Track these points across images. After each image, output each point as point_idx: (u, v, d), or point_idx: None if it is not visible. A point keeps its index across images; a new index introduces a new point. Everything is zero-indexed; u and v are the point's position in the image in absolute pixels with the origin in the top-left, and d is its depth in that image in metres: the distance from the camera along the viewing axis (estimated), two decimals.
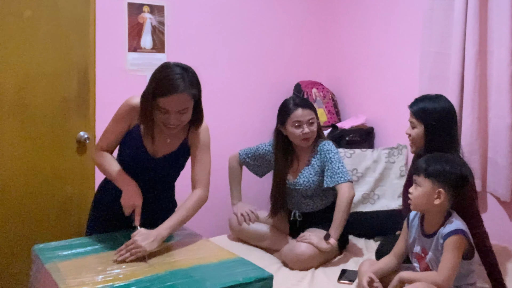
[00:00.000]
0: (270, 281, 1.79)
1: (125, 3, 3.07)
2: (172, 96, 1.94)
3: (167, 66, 2.01)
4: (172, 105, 1.96)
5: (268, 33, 3.72)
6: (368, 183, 3.24)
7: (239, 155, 3.01)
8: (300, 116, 2.69)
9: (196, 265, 1.84)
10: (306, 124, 2.69)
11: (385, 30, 3.55)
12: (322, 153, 2.74)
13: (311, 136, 2.73)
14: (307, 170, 2.76)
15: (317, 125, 2.78)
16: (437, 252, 2.01)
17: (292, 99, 2.84)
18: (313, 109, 2.78)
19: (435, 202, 2.01)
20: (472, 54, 2.87)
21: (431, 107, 2.31)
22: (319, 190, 2.77)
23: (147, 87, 2.01)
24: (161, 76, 1.97)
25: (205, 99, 3.46)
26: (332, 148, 2.74)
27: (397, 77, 3.47)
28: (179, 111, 1.98)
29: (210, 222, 3.48)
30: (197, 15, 3.37)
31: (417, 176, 2.05)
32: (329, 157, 2.70)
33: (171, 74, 1.95)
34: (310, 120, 2.71)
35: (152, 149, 2.15)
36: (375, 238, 3.01)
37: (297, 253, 2.53)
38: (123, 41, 3.07)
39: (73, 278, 1.70)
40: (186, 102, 1.99)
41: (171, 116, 1.98)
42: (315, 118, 2.75)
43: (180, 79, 1.95)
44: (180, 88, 1.94)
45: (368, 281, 2.08)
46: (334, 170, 2.66)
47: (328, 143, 2.76)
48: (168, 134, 2.13)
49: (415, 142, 2.35)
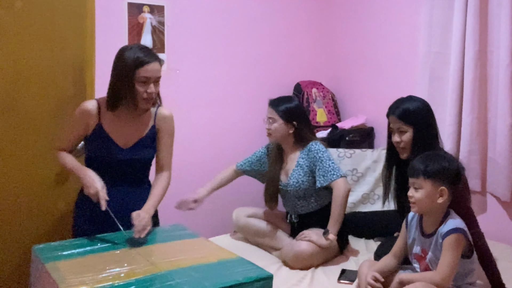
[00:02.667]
0: (270, 280, 1.79)
1: (125, 3, 3.07)
2: (152, 64, 2.17)
3: (129, 47, 2.23)
4: (151, 72, 2.17)
5: (268, 33, 3.72)
6: (368, 183, 3.24)
7: (235, 166, 3.03)
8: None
9: (196, 264, 1.84)
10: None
11: (385, 30, 3.55)
12: (310, 153, 2.73)
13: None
14: (296, 171, 2.75)
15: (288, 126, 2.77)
16: (437, 251, 2.01)
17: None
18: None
19: (438, 201, 2.00)
20: (472, 54, 2.88)
21: (413, 107, 2.31)
22: (311, 191, 2.75)
23: (118, 70, 2.19)
24: (132, 52, 2.17)
25: (206, 99, 3.48)
26: (320, 148, 2.72)
27: (397, 77, 3.47)
28: (156, 79, 2.20)
29: (210, 222, 3.49)
30: (197, 15, 3.37)
31: (415, 179, 2.03)
32: (319, 157, 2.68)
33: (141, 48, 2.20)
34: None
35: (121, 140, 2.27)
36: (375, 238, 3.01)
37: (298, 252, 2.53)
38: (123, 41, 3.07)
39: (73, 277, 1.70)
40: (159, 70, 2.22)
41: (151, 85, 2.18)
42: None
43: (149, 51, 2.21)
44: (155, 56, 2.21)
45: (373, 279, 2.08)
46: (325, 168, 2.66)
47: (316, 143, 2.74)
48: (132, 124, 2.28)
49: (407, 147, 2.32)
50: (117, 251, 1.96)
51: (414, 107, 2.31)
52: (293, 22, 3.84)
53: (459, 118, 2.98)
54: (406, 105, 2.32)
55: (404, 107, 2.31)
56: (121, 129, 2.27)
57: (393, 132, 2.35)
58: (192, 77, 3.39)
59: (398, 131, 2.32)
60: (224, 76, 3.54)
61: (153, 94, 2.21)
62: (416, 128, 2.28)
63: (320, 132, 3.63)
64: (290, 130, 2.76)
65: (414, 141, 2.29)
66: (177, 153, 3.24)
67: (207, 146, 3.51)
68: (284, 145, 2.84)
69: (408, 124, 2.29)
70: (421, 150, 2.21)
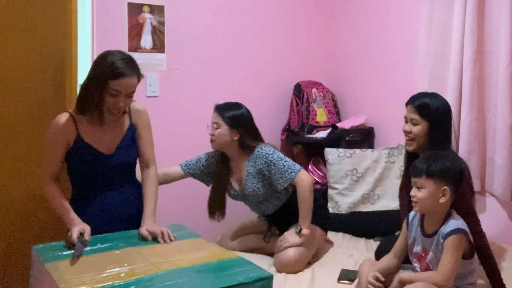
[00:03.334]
0: (270, 281, 1.79)
1: (125, 3, 3.07)
2: (125, 79, 2.07)
3: (111, 53, 2.13)
4: (124, 87, 2.08)
5: (268, 33, 3.72)
6: (368, 183, 3.24)
7: (180, 167, 2.86)
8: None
9: (196, 264, 1.84)
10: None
11: (385, 30, 3.55)
12: (258, 160, 2.64)
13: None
14: (249, 180, 2.69)
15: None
16: (437, 251, 2.01)
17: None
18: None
19: (440, 201, 2.01)
20: (471, 54, 2.88)
21: (433, 103, 2.31)
22: (269, 193, 2.71)
23: (93, 74, 2.11)
24: (110, 61, 2.08)
25: (205, 99, 3.47)
26: (267, 151, 2.63)
27: (397, 77, 3.47)
28: (128, 94, 2.12)
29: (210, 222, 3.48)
30: (197, 15, 3.37)
31: (418, 178, 2.03)
32: (270, 160, 2.61)
33: (120, 59, 2.10)
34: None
35: (103, 147, 2.21)
36: (375, 238, 3.01)
37: (284, 262, 2.54)
38: (123, 41, 3.07)
39: (73, 277, 1.70)
40: (134, 85, 2.13)
41: (120, 99, 2.10)
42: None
43: (129, 63, 2.11)
44: (132, 71, 2.10)
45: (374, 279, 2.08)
46: (281, 169, 2.59)
47: (261, 148, 2.66)
48: (110, 128, 2.22)
49: (417, 140, 2.32)
50: (117, 251, 1.96)
51: (434, 104, 2.30)
52: (293, 22, 3.84)
53: (458, 118, 2.98)
54: (428, 99, 2.32)
55: (425, 101, 2.31)
56: (100, 135, 2.21)
57: (405, 121, 2.36)
58: (192, 77, 3.39)
59: (411, 121, 2.33)
60: (224, 76, 3.54)
61: (123, 108, 2.14)
62: (431, 124, 2.28)
63: (320, 132, 3.63)
64: (234, 137, 2.67)
65: (429, 138, 2.29)
66: (177, 153, 3.26)
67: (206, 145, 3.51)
68: (228, 153, 2.75)
69: (423, 117, 2.29)
70: (432, 147, 2.22)
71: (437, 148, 2.22)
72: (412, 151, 2.36)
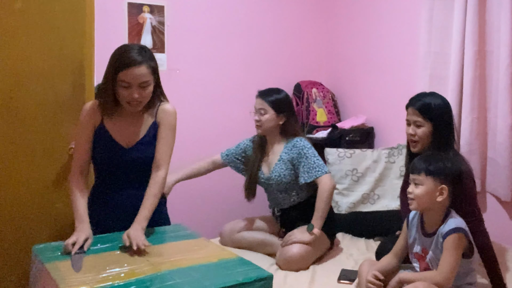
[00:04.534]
0: (270, 281, 1.79)
1: (125, 3, 3.07)
2: (132, 68, 2.05)
3: (125, 45, 2.17)
4: (133, 77, 2.06)
5: (268, 33, 3.72)
6: (368, 183, 3.24)
7: (220, 156, 3.02)
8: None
9: (196, 264, 1.84)
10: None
11: (385, 30, 3.55)
12: (294, 149, 2.72)
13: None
14: (279, 165, 2.76)
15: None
16: (437, 251, 2.01)
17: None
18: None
19: (437, 199, 2.01)
20: (471, 54, 2.88)
21: (434, 102, 2.30)
22: (293, 185, 2.76)
23: (108, 68, 2.13)
24: (120, 52, 2.10)
25: (205, 98, 3.48)
26: (305, 144, 2.72)
27: (397, 77, 3.47)
28: (140, 84, 2.08)
29: (210, 222, 3.49)
30: (197, 15, 3.37)
31: (417, 175, 2.04)
32: (304, 153, 2.69)
33: (129, 49, 2.10)
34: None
35: (123, 140, 2.21)
36: (375, 238, 3.01)
37: (288, 257, 2.54)
38: (123, 41, 3.07)
39: (73, 277, 1.70)
40: (146, 75, 2.09)
41: (134, 90, 2.08)
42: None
43: (138, 53, 2.09)
44: (138, 60, 2.07)
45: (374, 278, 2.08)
46: (310, 165, 2.66)
47: (301, 139, 2.74)
48: (134, 122, 2.21)
49: (421, 141, 2.31)
50: (117, 251, 1.96)
51: (435, 103, 2.30)
52: (293, 22, 3.84)
53: (459, 118, 2.98)
54: (428, 99, 2.31)
55: (426, 101, 2.30)
56: (122, 128, 2.21)
57: (408, 124, 2.35)
58: (192, 77, 3.39)
59: (415, 124, 2.31)
60: (224, 76, 3.54)
61: (138, 98, 2.11)
62: (435, 124, 2.28)
63: (320, 132, 3.63)
64: (280, 122, 2.77)
65: (433, 137, 2.28)
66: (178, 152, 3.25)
67: (207, 145, 3.51)
68: (269, 137, 2.84)
69: (426, 118, 2.28)
70: (437, 147, 2.22)
71: (441, 147, 2.22)
72: (417, 152, 2.35)
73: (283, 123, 2.77)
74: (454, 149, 2.32)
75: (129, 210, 2.17)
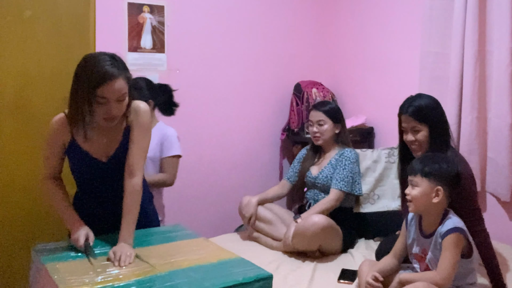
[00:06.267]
0: (270, 280, 1.79)
1: (125, 3, 3.07)
2: (110, 83, 1.87)
3: (93, 57, 1.93)
4: (111, 92, 1.88)
5: (268, 33, 3.72)
6: (368, 183, 3.23)
7: (285, 179, 3.11)
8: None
9: (196, 265, 1.84)
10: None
11: (385, 30, 3.55)
12: (341, 157, 2.89)
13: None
14: (327, 168, 2.91)
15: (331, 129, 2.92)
16: (436, 251, 2.01)
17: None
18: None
19: (433, 201, 2.01)
20: (471, 54, 2.88)
21: (425, 105, 2.29)
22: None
23: (77, 83, 1.93)
24: (92, 66, 1.88)
25: (205, 99, 3.48)
26: (351, 157, 2.88)
27: (397, 77, 3.47)
28: (118, 98, 1.91)
29: (211, 222, 3.49)
30: (197, 15, 3.37)
31: (413, 176, 2.04)
32: (344, 164, 2.85)
33: (102, 62, 1.89)
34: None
35: (99, 153, 2.07)
36: (375, 238, 3.01)
37: (310, 224, 2.61)
38: (123, 41, 3.08)
39: (73, 278, 1.70)
40: (123, 87, 1.92)
41: (111, 105, 1.91)
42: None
43: (111, 65, 1.89)
44: (115, 73, 1.88)
45: (373, 279, 2.08)
46: (344, 177, 2.82)
47: (351, 152, 2.91)
48: (106, 132, 2.05)
49: (422, 146, 2.29)
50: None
51: (426, 105, 2.28)
52: (293, 22, 3.84)
53: (458, 118, 2.98)
54: (418, 102, 2.29)
55: (417, 105, 2.28)
56: (96, 141, 2.04)
57: (405, 131, 2.32)
58: (192, 77, 3.39)
59: (412, 130, 2.29)
60: (224, 76, 3.54)
61: (116, 115, 1.94)
62: (431, 125, 2.27)
63: None
64: (336, 131, 2.93)
65: (430, 139, 2.27)
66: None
67: (206, 145, 3.52)
68: (326, 146, 2.97)
69: (422, 122, 2.27)
70: (437, 147, 2.21)
71: (440, 147, 2.22)
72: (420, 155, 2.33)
73: (338, 132, 2.94)
74: (453, 148, 2.32)
75: (114, 211, 2.10)
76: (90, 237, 1.99)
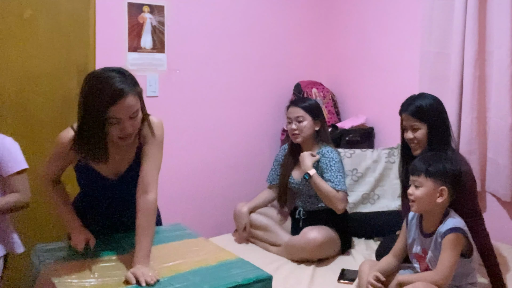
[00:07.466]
0: (270, 281, 1.79)
1: (125, 3, 3.07)
2: (120, 102, 1.75)
3: (100, 75, 1.81)
4: (124, 111, 1.77)
5: (268, 33, 3.72)
6: (368, 183, 3.23)
7: (267, 182, 3.08)
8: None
9: (195, 268, 1.83)
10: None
11: (385, 30, 3.55)
12: (323, 159, 2.78)
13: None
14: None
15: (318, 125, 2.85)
16: (436, 251, 2.01)
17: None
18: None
19: (437, 201, 2.01)
20: (471, 54, 2.87)
21: (426, 104, 2.31)
22: None
23: (86, 107, 1.80)
24: (101, 86, 1.76)
25: (205, 99, 3.47)
26: (334, 157, 2.77)
27: (397, 77, 3.47)
28: (131, 115, 1.81)
29: (210, 222, 3.49)
30: (197, 15, 3.37)
31: (416, 177, 2.04)
32: (330, 165, 2.75)
33: (111, 80, 1.77)
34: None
35: (110, 172, 2.01)
36: (375, 238, 3.01)
37: (309, 239, 2.60)
38: (123, 41, 3.07)
39: (72, 280, 1.70)
40: (135, 104, 1.81)
41: (125, 124, 1.80)
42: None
43: (121, 82, 1.78)
44: (125, 90, 1.77)
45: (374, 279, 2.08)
46: (331, 178, 2.72)
47: (331, 151, 2.79)
48: (119, 150, 1.96)
49: (420, 144, 2.32)
50: (117, 256, 1.94)
51: (427, 104, 2.30)
52: (293, 22, 3.84)
53: (459, 118, 2.97)
54: (419, 102, 2.32)
55: (417, 104, 2.31)
56: (108, 157, 1.93)
57: (406, 129, 2.35)
58: (192, 77, 3.39)
59: (412, 128, 2.32)
60: (224, 76, 3.54)
61: (132, 131, 1.83)
62: (430, 125, 2.28)
63: None
64: (316, 128, 2.83)
65: (429, 138, 2.28)
66: (177, 153, 3.26)
67: (206, 146, 3.51)
68: (305, 145, 2.88)
69: (422, 121, 2.29)
70: (436, 146, 2.22)
71: (440, 146, 2.22)
72: (417, 155, 2.34)
73: (318, 129, 2.84)
74: (452, 148, 2.33)
75: (118, 217, 2.11)
76: (91, 241, 1.96)
